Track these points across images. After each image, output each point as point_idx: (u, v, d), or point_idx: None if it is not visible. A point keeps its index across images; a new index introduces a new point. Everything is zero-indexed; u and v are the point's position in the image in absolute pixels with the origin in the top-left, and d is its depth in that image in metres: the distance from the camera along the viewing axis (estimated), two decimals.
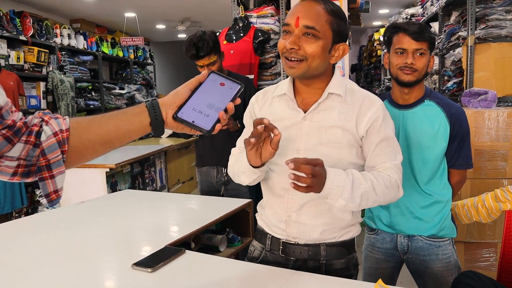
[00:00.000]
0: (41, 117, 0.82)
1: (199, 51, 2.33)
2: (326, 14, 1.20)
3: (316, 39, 1.19)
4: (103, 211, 2.09)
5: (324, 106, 1.27)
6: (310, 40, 1.19)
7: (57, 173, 0.80)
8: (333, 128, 1.25)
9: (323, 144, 1.25)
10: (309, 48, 1.19)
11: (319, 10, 1.20)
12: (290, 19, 1.22)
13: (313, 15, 1.19)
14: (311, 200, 1.28)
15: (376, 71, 7.91)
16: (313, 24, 1.18)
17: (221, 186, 2.66)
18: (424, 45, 1.58)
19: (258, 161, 1.18)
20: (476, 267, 2.63)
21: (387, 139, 1.26)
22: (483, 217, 1.84)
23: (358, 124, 1.25)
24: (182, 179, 4.74)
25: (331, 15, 1.21)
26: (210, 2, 6.24)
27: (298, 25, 1.19)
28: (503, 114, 2.55)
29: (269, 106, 1.35)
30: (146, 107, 0.87)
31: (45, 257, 1.47)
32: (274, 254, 1.37)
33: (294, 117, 1.29)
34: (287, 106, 1.31)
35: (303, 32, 1.19)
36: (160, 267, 1.31)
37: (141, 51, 8.62)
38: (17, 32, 4.99)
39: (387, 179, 1.22)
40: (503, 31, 3.14)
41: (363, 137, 1.26)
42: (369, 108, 1.26)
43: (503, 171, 2.58)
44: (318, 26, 1.19)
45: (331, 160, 1.24)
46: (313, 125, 1.27)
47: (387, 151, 1.26)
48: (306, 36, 1.19)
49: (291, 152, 1.28)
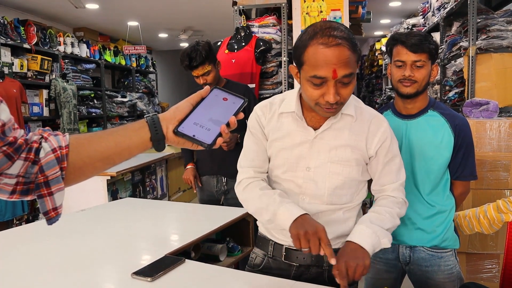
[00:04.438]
0: (41, 134, 0.81)
1: (192, 62, 2.35)
2: (352, 54, 1.14)
3: (352, 82, 1.17)
4: (103, 219, 2.08)
5: (336, 126, 1.28)
6: (348, 85, 1.16)
7: (55, 190, 0.78)
8: (343, 147, 1.27)
9: (334, 163, 1.28)
10: (346, 94, 1.17)
11: (349, 55, 1.13)
12: (323, 72, 1.13)
13: (347, 62, 1.12)
14: (320, 212, 1.30)
15: (377, 81, 7.92)
16: (351, 71, 1.14)
17: (221, 195, 2.65)
18: (423, 57, 1.56)
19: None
20: (478, 278, 2.60)
21: (393, 158, 1.32)
22: (485, 228, 1.83)
23: (369, 144, 1.29)
24: (183, 187, 4.74)
25: (355, 52, 1.15)
26: (212, 11, 6.28)
27: (336, 77, 1.13)
28: (505, 125, 2.54)
29: (277, 121, 1.33)
30: (147, 122, 0.86)
31: (45, 265, 1.46)
32: (276, 260, 1.37)
33: (304, 135, 1.29)
34: (295, 123, 1.30)
35: (340, 80, 1.14)
36: (160, 276, 1.30)
37: (143, 60, 8.66)
38: (21, 40, 5.03)
39: (397, 203, 1.32)
40: (504, 42, 3.14)
41: (371, 157, 1.30)
42: (378, 128, 1.29)
43: (505, 182, 2.56)
44: (353, 70, 1.15)
45: (340, 178, 1.28)
46: (323, 143, 1.28)
47: (394, 170, 1.33)
48: (344, 84, 1.15)
49: (301, 169, 1.30)
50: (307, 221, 1.15)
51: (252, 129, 1.36)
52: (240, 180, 1.36)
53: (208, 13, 6.43)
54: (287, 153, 1.30)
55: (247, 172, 1.35)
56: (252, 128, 1.36)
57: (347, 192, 1.31)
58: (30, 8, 5.77)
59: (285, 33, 3.31)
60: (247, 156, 1.36)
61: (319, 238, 1.10)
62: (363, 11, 3.75)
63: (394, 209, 1.30)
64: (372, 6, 5.49)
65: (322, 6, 3.06)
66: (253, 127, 1.36)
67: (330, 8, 3.07)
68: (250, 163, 1.35)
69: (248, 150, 1.37)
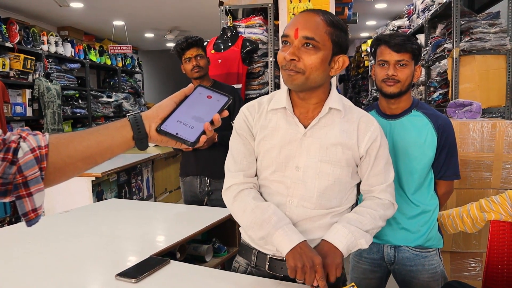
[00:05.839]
0: (20, 133, 0.79)
1: (188, 40, 2.47)
2: (325, 25, 1.18)
3: (315, 50, 1.17)
4: (87, 221, 2.06)
5: (325, 121, 1.25)
6: (310, 51, 1.17)
7: (35, 190, 0.76)
8: (334, 146, 1.24)
9: (324, 162, 1.25)
10: (308, 60, 1.17)
11: (318, 21, 1.18)
12: (289, 30, 1.20)
13: (312, 26, 1.17)
14: (307, 218, 1.27)
15: (363, 82, 7.99)
16: (312, 35, 1.16)
17: (205, 196, 2.64)
18: (406, 56, 1.58)
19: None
20: (462, 276, 2.64)
21: (383, 158, 1.30)
22: (468, 227, 1.85)
23: (360, 142, 1.26)
24: (169, 188, 4.71)
25: (330, 26, 1.18)
26: (198, 11, 6.26)
27: (297, 36, 1.17)
28: (488, 125, 2.58)
29: (265, 119, 1.29)
30: (129, 121, 0.85)
31: (28, 267, 1.43)
32: (260, 270, 1.32)
33: (293, 132, 1.25)
34: (285, 120, 1.27)
35: (303, 43, 1.17)
36: (144, 278, 1.29)
37: (129, 60, 8.59)
38: (2, 39, 4.94)
39: (382, 204, 1.31)
40: (486, 44, 3.20)
41: (362, 157, 1.28)
42: (368, 127, 1.27)
43: (487, 182, 2.61)
44: (318, 37, 1.17)
45: (331, 178, 1.25)
46: (314, 141, 1.25)
47: (383, 171, 1.31)
48: (306, 47, 1.17)
49: (290, 168, 1.26)
50: (305, 252, 1.12)
51: (239, 130, 1.32)
52: (229, 186, 1.30)
53: (194, 13, 6.41)
54: (276, 152, 1.26)
55: (236, 177, 1.29)
56: (239, 129, 1.32)
57: (336, 195, 1.28)
58: (12, 6, 5.68)
59: (271, 34, 3.32)
60: (236, 159, 1.30)
61: (315, 271, 1.09)
62: (349, 12, 3.78)
63: (378, 211, 1.28)
64: (358, 7, 5.53)
65: (308, 7, 3.07)
66: (240, 127, 1.32)
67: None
68: (239, 166, 1.29)
69: (236, 152, 1.31)
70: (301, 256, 1.11)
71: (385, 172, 1.31)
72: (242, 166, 1.29)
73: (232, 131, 1.35)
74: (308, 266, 1.09)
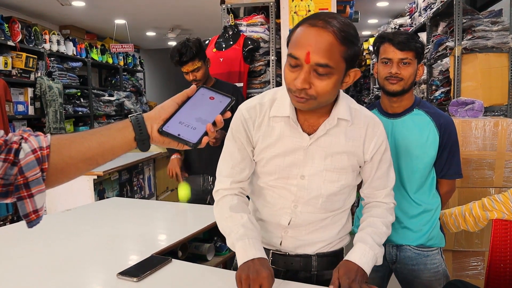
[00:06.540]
0: (21, 134, 0.79)
1: (182, 57, 2.36)
2: (339, 44, 1.04)
3: (329, 76, 1.06)
4: (89, 219, 2.06)
5: (332, 131, 1.21)
6: (323, 77, 1.06)
7: (36, 191, 0.76)
8: (339, 154, 1.21)
9: (329, 171, 1.22)
10: (320, 86, 1.07)
11: (331, 42, 1.04)
12: (298, 51, 1.06)
13: (325, 49, 1.03)
14: (313, 222, 1.27)
15: (365, 80, 7.97)
16: (326, 61, 1.04)
17: (207, 194, 2.64)
18: (410, 55, 1.58)
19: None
20: (464, 275, 2.63)
21: (386, 162, 1.29)
22: (471, 226, 1.85)
23: (366, 148, 1.24)
24: (171, 186, 4.71)
25: (344, 44, 1.05)
26: (200, 10, 6.25)
27: (309, 61, 1.04)
28: (490, 124, 2.57)
29: (267, 126, 1.23)
30: (131, 122, 0.85)
31: (29, 266, 1.44)
32: None
33: (298, 141, 1.21)
34: (289, 128, 1.21)
35: (315, 68, 1.05)
36: (146, 277, 1.29)
37: (131, 58, 8.59)
38: (5, 38, 4.94)
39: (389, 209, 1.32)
40: (489, 42, 3.19)
41: (367, 161, 1.27)
42: (375, 132, 1.24)
43: (490, 180, 2.60)
44: (332, 62, 1.04)
45: (336, 185, 1.24)
46: (319, 150, 1.21)
47: (386, 174, 1.30)
48: (318, 74, 1.06)
49: (294, 177, 1.23)
50: (255, 265, 1.08)
51: (236, 133, 1.25)
52: (216, 190, 1.29)
53: (196, 11, 6.40)
54: (279, 160, 1.22)
55: (224, 182, 1.26)
56: (236, 131, 1.25)
57: (340, 198, 1.27)
58: (14, 5, 5.68)
59: (273, 32, 3.31)
60: (227, 163, 1.27)
61: (260, 285, 1.04)
62: (351, 10, 3.76)
63: (388, 217, 1.30)
64: (360, 6, 5.51)
65: (310, 5, 3.07)
66: (237, 130, 1.25)
67: (318, 8, 3.08)
68: (230, 172, 1.26)
69: (229, 156, 1.27)
70: (248, 268, 1.08)
71: (388, 174, 1.31)
72: (232, 172, 1.26)
73: None
74: (252, 278, 1.05)
